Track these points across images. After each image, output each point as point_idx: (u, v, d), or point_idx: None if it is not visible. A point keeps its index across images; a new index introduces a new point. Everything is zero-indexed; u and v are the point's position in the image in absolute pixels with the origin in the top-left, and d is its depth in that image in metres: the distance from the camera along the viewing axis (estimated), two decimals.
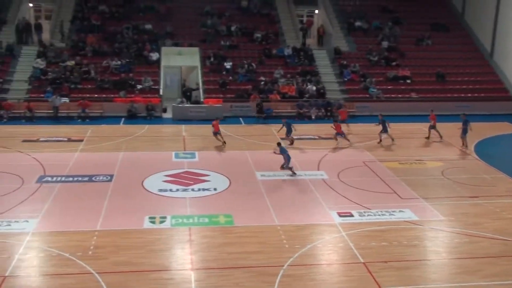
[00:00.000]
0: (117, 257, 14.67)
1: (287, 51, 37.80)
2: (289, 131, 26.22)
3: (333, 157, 24.60)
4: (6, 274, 13.66)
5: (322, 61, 38.24)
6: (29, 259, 14.62)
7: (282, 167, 21.68)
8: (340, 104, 33.11)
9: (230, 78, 35.06)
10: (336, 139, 26.23)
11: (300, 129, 27.40)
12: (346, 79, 36.32)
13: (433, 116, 27.67)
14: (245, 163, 23.19)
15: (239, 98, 33.48)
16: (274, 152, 23.14)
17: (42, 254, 14.84)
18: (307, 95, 34.10)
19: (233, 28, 39.36)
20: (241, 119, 31.61)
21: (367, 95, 35.15)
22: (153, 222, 16.93)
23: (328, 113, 32.57)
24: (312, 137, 27.89)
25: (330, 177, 21.53)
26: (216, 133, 25.58)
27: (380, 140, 26.91)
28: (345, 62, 37.37)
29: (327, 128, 27.87)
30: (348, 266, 14.55)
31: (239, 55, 37.23)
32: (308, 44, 39.83)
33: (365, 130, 29.12)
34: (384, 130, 26.75)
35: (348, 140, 26.44)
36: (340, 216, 17.64)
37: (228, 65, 35.81)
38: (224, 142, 25.62)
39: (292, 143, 26.02)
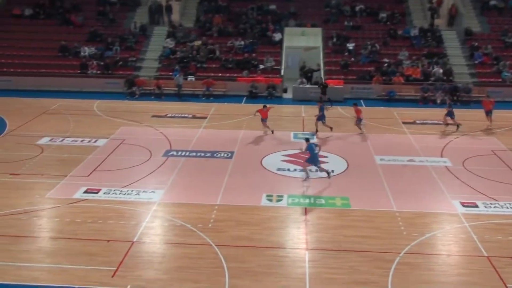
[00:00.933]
0: (235, 231, 15.19)
1: (414, 32, 36.32)
2: (322, 117, 24.58)
3: (459, 144, 23.40)
4: (134, 240, 14.70)
5: (451, 42, 36.28)
6: (155, 227, 15.60)
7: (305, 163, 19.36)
8: (469, 88, 31.28)
9: (352, 59, 34.46)
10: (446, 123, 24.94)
11: (424, 113, 26.29)
12: (476, 62, 34.19)
13: None
14: (365, 147, 22.79)
15: (360, 80, 32.85)
16: (300, 150, 20.29)
17: (166, 224, 15.76)
18: (432, 78, 32.62)
19: (357, 8, 38.55)
20: (362, 101, 31.02)
21: (500, 80, 32.85)
22: (270, 200, 17.26)
23: (455, 98, 30.87)
24: (436, 122, 26.68)
25: (454, 164, 20.52)
26: (264, 120, 24.58)
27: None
28: (476, 44, 35.15)
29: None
30: (469, 259, 13.87)
31: (363, 36, 36.43)
32: (437, 25, 37.92)
33: (496, 117, 27.28)
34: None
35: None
36: (464, 206, 16.80)
37: (350, 46, 35.21)
38: (272, 131, 24.52)
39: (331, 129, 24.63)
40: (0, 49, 34.94)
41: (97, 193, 17.65)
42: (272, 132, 24.51)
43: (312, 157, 19.01)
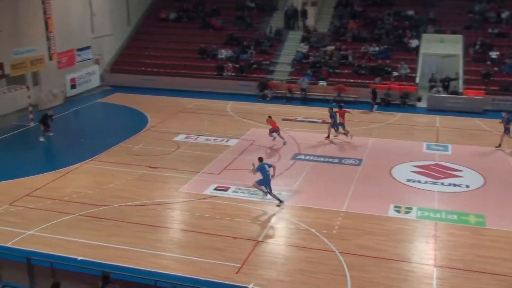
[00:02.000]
0: (360, 240, 14.92)
1: None
2: (334, 124, 23.99)
3: None
4: (259, 239, 15.01)
5: None
6: (280, 229, 15.82)
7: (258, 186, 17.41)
8: None
9: (495, 68, 32.32)
10: None
11: None
12: None
13: None
14: (504, 162, 21.28)
15: (503, 91, 30.71)
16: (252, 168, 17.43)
17: (291, 226, 15.90)
18: None
19: (503, 15, 36.08)
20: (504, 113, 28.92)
21: None
22: (398, 211, 16.74)
23: None
24: None
25: None
26: (275, 131, 23.60)
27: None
28: None
29: None
30: None
31: (508, 44, 34.01)
32: None
33: None
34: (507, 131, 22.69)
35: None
36: None
37: (494, 54, 33.03)
38: (284, 142, 23.39)
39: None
40: (146, 50, 37.51)
41: (226, 190, 18.27)
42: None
43: (264, 179, 17.13)
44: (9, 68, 26.43)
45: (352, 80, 33.06)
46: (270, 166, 17.34)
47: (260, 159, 17.62)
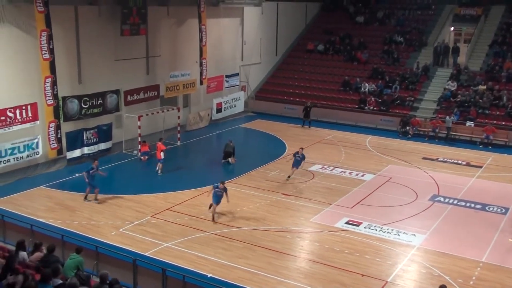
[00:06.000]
0: None
1: None
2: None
3: None
4: (388, 280, 14.45)
5: None
6: (411, 272, 15.12)
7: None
8: None
9: None
10: None
11: None
12: None
13: None
14: None
15: None
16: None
17: (423, 270, 15.13)
18: None
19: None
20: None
21: None
22: None
23: None
24: None
25: None
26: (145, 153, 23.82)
27: None
28: None
29: None
30: None
31: None
32: None
33: None
34: None
35: None
36: None
37: None
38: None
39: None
40: (291, 80, 38.38)
41: (358, 225, 17.93)
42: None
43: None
44: (164, 90, 28.68)
45: (503, 123, 30.94)
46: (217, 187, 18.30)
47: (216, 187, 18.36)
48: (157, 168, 23.21)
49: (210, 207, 18.40)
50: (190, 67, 30.72)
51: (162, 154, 23.04)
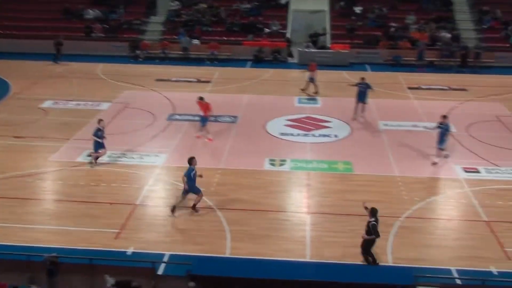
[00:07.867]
0: (237, 195, 15.31)
1: None
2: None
3: (463, 110, 23.24)
4: (137, 203, 14.85)
5: (460, 6, 35.60)
6: (158, 191, 15.76)
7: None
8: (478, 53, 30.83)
9: (359, 23, 33.98)
10: None
11: (430, 78, 26.04)
12: (485, 27, 33.64)
13: None
14: (369, 112, 22.67)
15: (367, 45, 32.46)
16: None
17: (169, 187, 15.89)
18: (440, 43, 32.17)
19: None
20: (367, 66, 30.71)
21: (508, 45, 32.35)
22: (273, 165, 17.33)
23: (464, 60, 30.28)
24: (441, 87, 26.46)
25: (458, 130, 20.41)
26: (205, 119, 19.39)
27: None
28: (486, 8, 34.50)
29: (459, 79, 26.29)
30: (469, 224, 13.99)
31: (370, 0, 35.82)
32: None
33: (502, 82, 27.03)
34: None
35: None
36: (466, 171, 16.85)
37: (358, 9, 34.68)
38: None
39: None
40: (4, 11, 34.62)
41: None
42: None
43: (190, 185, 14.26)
44: None
45: (225, 38, 33.10)
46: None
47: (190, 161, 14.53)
48: None
49: None
50: None
51: None
